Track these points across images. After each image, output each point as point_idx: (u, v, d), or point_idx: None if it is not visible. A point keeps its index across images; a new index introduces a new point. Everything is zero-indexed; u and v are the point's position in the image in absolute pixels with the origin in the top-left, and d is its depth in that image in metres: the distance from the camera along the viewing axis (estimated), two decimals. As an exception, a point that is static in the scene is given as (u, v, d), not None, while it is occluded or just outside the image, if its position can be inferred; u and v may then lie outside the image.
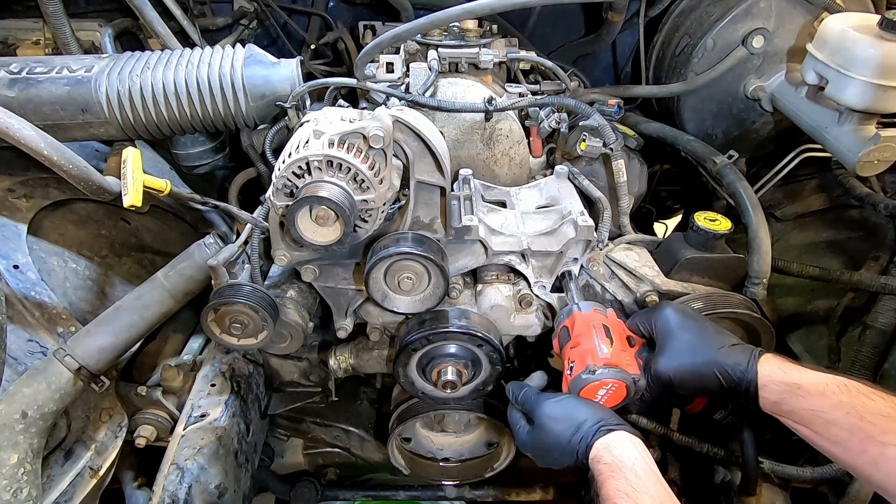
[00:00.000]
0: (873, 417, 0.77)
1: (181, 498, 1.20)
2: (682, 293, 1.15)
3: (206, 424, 1.32)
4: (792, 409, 0.85)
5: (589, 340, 1.00)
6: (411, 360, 1.17)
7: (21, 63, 1.26)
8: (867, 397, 0.79)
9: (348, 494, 1.95)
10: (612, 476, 0.81)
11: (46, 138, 0.98)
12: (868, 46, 1.13)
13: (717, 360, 0.92)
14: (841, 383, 0.82)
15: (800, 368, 0.87)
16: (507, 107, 1.32)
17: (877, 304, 1.39)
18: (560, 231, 1.17)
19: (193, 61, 1.30)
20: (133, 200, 0.94)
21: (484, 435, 1.53)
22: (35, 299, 1.27)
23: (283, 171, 0.96)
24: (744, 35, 1.46)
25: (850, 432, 0.78)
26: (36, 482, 1.10)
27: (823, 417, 0.81)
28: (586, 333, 1.02)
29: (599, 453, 0.85)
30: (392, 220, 1.16)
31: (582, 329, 1.03)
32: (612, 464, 0.82)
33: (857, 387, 0.81)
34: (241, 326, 1.11)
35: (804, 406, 0.83)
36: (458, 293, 1.21)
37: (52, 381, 1.14)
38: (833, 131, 1.28)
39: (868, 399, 0.79)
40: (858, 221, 1.64)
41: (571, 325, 1.06)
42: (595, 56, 2.00)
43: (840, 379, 0.83)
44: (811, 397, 0.83)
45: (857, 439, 0.77)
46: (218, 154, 1.60)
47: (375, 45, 1.26)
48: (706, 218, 1.19)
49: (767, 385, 0.87)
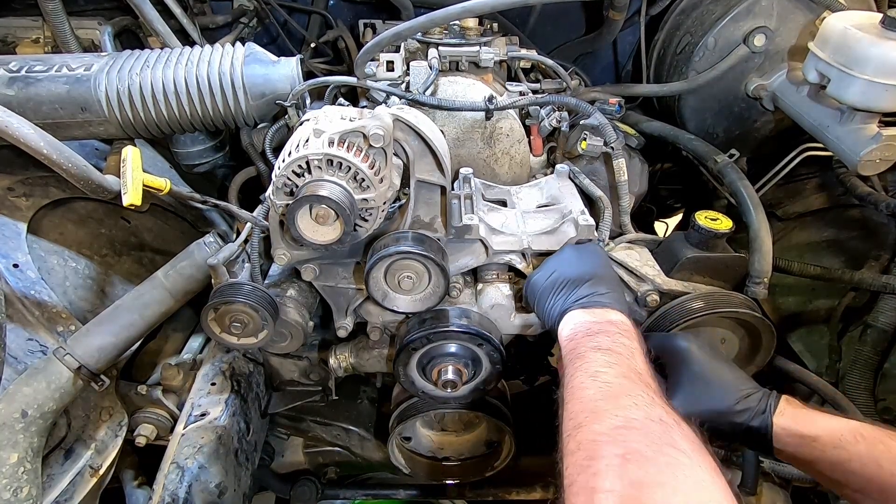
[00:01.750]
0: (892, 466, 0.75)
1: (181, 497, 1.20)
2: (682, 292, 1.15)
3: (206, 423, 1.32)
4: (809, 461, 0.84)
5: None
6: (411, 360, 1.17)
7: (20, 61, 1.26)
8: (884, 445, 0.78)
9: (348, 493, 1.95)
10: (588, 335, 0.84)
11: (46, 137, 0.98)
12: (870, 45, 1.13)
13: (733, 414, 0.89)
14: (857, 433, 0.80)
15: (815, 417, 0.85)
16: (507, 105, 1.32)
17: (878, 303, 1.39)
18: (561, 230, 1.17)
19: (193, 60, 1.30)
20: (133, 199, 0.94)
21: (484, 434, 1.53)
22: (35, 298, 1.27)
23: (283, 170, 0.96)
24: (745, 34, 1.46)
25: (870, 482, 0.77)
26: (36, 481, 1.10)
27: (842, 468, 0.80)
28: None
29: None
30: (392, 220, 1.16)
31: None
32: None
33: (874, 434, 0.79)
34: (241, 325, 1.10)
35: (821, 458, 0.82)
36: (458, 292, 1.21)
37: (52, 380, 1.14)
38: (835, 130, 1.28)
39: (885, 447, 0.77)
40: (859, 221, 1.64)
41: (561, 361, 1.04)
42: (596, 55, 2.00)
43: (856, 427, 0.81)
44: (827, 450, 0.82)
45: (878, 489, 0.76)
46: (218, 153, 1.59)
47: (376, 43, 1.26)
48: (707, 217, 1.19)
49: (783, 438, 0.86)
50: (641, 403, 0.71)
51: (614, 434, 0.66)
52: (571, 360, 0.84)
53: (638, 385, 0.75)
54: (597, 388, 0.75)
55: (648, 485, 0.59)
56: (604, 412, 0.70)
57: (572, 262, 1.06)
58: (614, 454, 0.63)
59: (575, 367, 0.81)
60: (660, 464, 0.62)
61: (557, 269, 1.04)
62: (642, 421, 0.68)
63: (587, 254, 1.09)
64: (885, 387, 1.38)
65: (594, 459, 0.64)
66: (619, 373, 0.78)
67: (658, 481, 0.60)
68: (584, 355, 0.82)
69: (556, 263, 1.07)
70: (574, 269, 1.03)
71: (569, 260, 1.07)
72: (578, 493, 0.62)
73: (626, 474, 0.61)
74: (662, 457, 0.63)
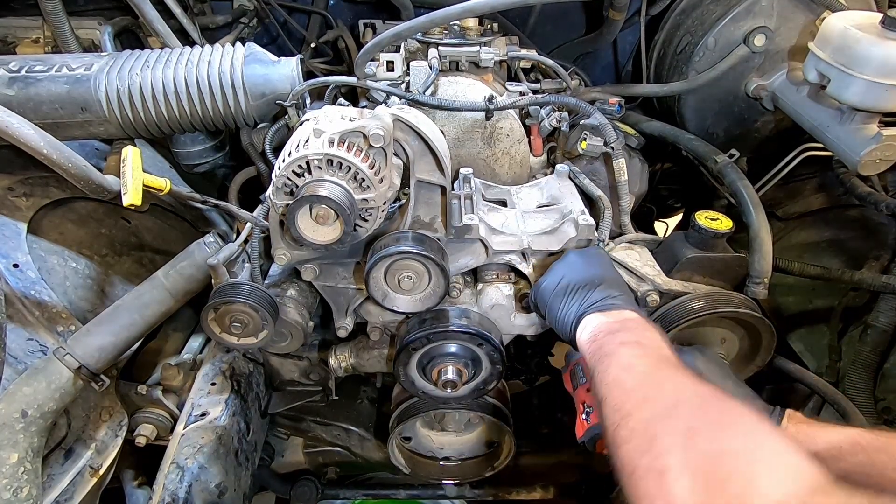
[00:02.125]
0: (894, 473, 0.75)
1: (181, 497, 1.20)
2: (682, 292, 1.15)
3: (206, 423, 1.32)
4: None
5: None
6: (411, 360, 1.17)
7: (20, 61, 1.26)
8: (887, 454, 0.77)
9: (348, 493, 1.95)
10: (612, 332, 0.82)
11: (46, 137, 0.98)
12: (870, 45, 1.13)
13: None
14: (855, 443, 0.79)
15: (816, 432, 0.84)
16: (507, 105, 1.32)
17: (878, 303, 1.39)
18: (561, 230, 1.17)
19: (193, 60, 1.30)
20: (133, 199, 0.94)
21: (484, 434, 1.53)
22: (35, 298, 1.27)
23: (283, 170, 0.96)
24: (745, 33, 1.46)
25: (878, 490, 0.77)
26: (36, 481, 1.10)
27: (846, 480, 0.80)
28: None
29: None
30: (392, 220, 1.16)
31: None
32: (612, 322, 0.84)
33: (874, 443, 0.78)
34: (241, 325, 1.10)
35: None
36: (458, 292, 1.21)
37: (52, 380, 1.14)
38: (835, 130, 1.28)
39: (888, 457, 0.76)
40: (859, 221, 1.64)
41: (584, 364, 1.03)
42: (596, 54, 1.99)
43: (854, 436, 0.80)
44: (827, 463, 0.80)
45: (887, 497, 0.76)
46: (218, 153, 1.59)
47: (376, 43, 1.26)
48: (707, 217, 1.19)
49: None
50: (685, 383, 0.69)
51: (670, 413, 0.63)
52: (599, 358, 0.83)
53: (675, 369, 0.74)
54: (634, 378, 0.73)
55: (723, 454, 0.55)
56: (651, 397, 0.68)
57: (580, 266, 1.05)
58: (676, 431, 0.59)
59: (606, 364, 0.80)
60: (728, 433, 0.58)
61: (566, 275, 1.04)
62: (693, 397, 0.65)
63: (593, 258, 1.08)
64: (885, 387, 1.38)
65: (654, 440, 0.60)
66: (652, 363, 0.76)
67: (732, 449, 0.56)
68: (613, 352, 0.81)
69: (564, 269, 1.06)
70: (583, 273, 1.03)
71: (576, 265, 1.06)
72: (644, 477, 0.58)
73: (694, 448, 0.57)
74: (729, 426, 0.59)
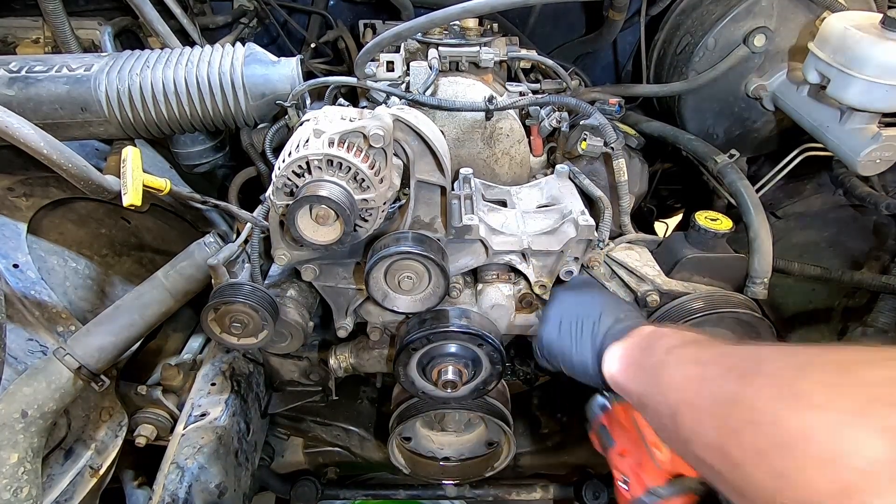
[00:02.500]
0: None
1: (181, 497, 1.20)
2: (683, 293, 1.15)
3: (206, 423, 1.32)
4: None
5: (638, 449, 0.93)
6: (411, 360, 1.17)
7: (20, 62, 1.26)
8: None
9: (348, 493, 1.95)
10: None
11: (46, 137, 0.98)
12: (870, 45, 1.13)
13: None
14: None
15: None
16: (507, 106, 1.32)
17: (878, 303, 1.39)
18: (561, 230, 1.17)
19: (193, 60, 1.30)
20: (133, 199, 0.94)
21: (484, 434, 1.53)
22: (35, 298, 1.27)
23: (282, 171, 0.96)
24: (745, 34, 1.46)
25: None
26: (36, 481, 1.10)
27: None
28: (632, 439, 0.94)
29: None
30: (392, 220, 1.16)
31: (624, 432, 0.95)
32: None
33: None
34: (241, 326, 1.10)
35: None
36: (458, 293, 1.21)
37: (52, 380, 1.14)
38: (835, 130, 1.28)
39: None
40: (859, 221, 1.64)
41: (610, 424, 0.99)
42: (596, 55, 2.00)
43: None
44: None
45: None
46: (218, 153, 1.59)
47: (376, 43, 1.26)
48: (707, 217, 1.19)
49: None
50: (775, 346, 0.63)
51: (775, 374, 0.56)
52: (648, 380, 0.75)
53: (736, 346, 0.68)
54: (714, 370, 0.65)
55: (855, 364, 0.51)
56: (747, 374, 0.60)
57: (572, 301, 1.02)
58: (792, 377, 0.54)
59: (662, 377, 0.71)
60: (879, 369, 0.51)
61: (563, 316, 1.00)
62: (775, 350, 0.60)
63: (580, 287, 1.05)
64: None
65: (796, 382, 0.53)
66: (711, 354, 0.69)
67: (864, 359, 0.51)
68: (662, 363, 0.74)
69: (559, 310, 1.02)
70: (580, 308, 0.99)
71: (568, 301, 1.03)
72: (787, 411, 0.51)
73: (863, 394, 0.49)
74: (832, 353, 0.55)
